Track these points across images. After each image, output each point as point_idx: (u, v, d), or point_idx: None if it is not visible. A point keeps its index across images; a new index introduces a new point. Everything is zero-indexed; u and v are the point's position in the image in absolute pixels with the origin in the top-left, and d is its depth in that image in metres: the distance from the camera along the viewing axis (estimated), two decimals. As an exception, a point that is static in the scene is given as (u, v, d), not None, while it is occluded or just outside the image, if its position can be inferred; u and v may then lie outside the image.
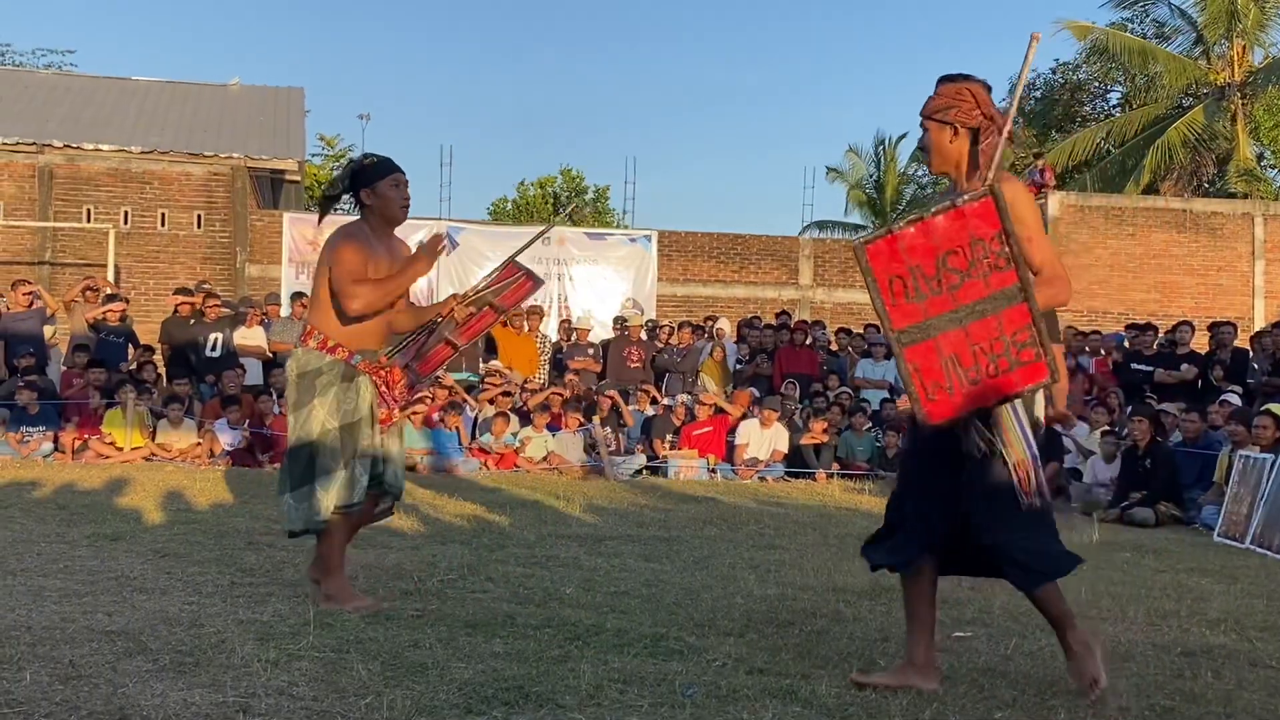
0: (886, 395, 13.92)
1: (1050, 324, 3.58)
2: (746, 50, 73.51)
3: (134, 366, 12.84)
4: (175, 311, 13.56)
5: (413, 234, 17.80)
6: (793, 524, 8.11)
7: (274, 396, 12.16)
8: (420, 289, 17.33)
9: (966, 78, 3.72)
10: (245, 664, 3.59)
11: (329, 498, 4.54)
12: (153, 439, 11.70)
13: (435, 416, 12.21)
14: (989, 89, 3.71)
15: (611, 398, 12.85)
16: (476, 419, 12.68)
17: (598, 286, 18.01)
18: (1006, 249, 3.33)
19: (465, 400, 12.80)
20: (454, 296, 5.03)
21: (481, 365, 14.24)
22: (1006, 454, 3.50)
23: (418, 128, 66.83)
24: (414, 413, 11.92)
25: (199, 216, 17.50)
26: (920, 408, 3.44)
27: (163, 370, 13.33)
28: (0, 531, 6.34)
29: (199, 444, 11.71)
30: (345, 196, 4.95)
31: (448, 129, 70.63)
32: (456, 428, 12.19)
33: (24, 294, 13.21)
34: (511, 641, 4.06)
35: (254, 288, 16.94)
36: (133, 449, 11.45)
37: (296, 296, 14.24)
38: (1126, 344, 14.22)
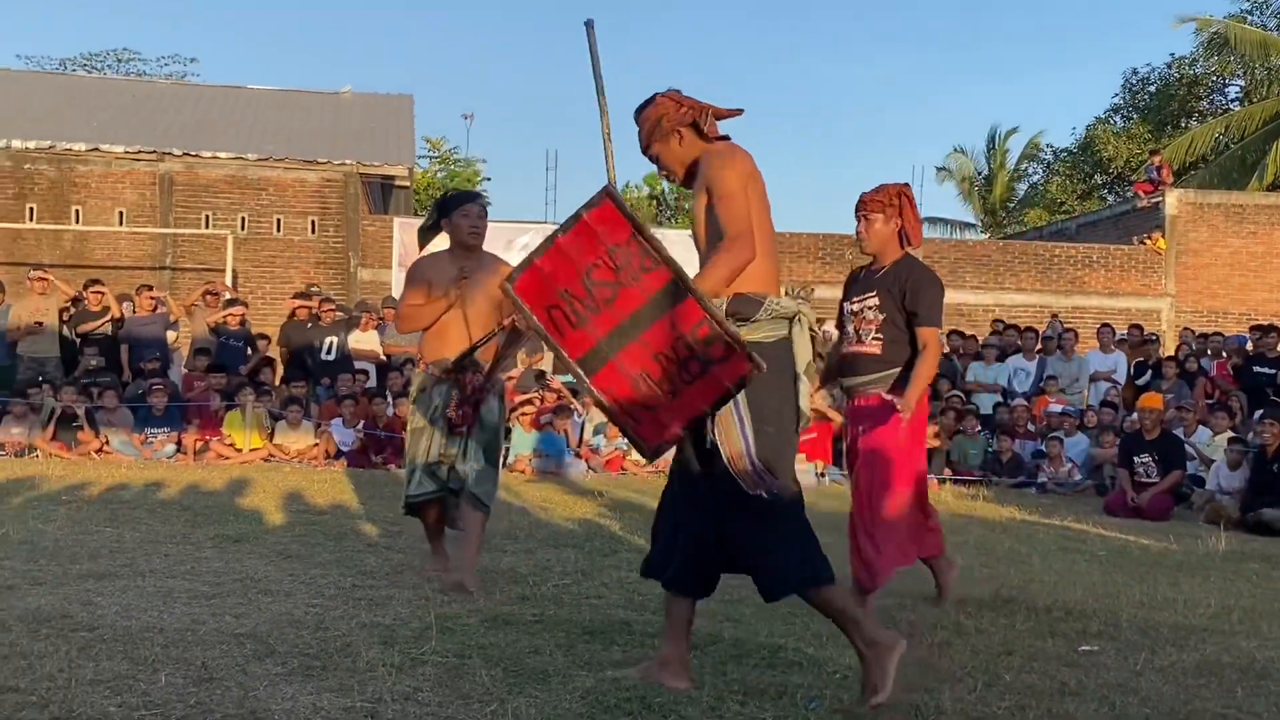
0: (999, 399, 13.70)
1: (746, 306, 3.40)
2: (850, 46, 72.82)
3: (252, 369, 13.17)
4: (293, 315, 13.88)
5: (519, 236, 18.02)
6: (906, 531, 7.97)
7: (387, 399, 12.38)
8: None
9: (655, 94, 3.69)
10: (370, 668, 3.65)
11: (410, 487, 5.30)
12: (271, 440, 11.98)
13: (544, 419, 12.30)
14: (675, 91, 3.70)
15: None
16: (584, 422, 12.74)
17: (703, 289, 17.99)
18: (647, 246, 3.12)
19: (573, 405, 12.87)
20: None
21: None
22: (721, 446, 3.34)
23: (522, 130, 67.51)
24: (523, 414, 12.04)
25: (313, 222, 17.90)
26: (637, 440, 3.26)
27: (281, 372, 13.65)
28: (129, 532, 6.54)
29: (315, 445, 11.96)
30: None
31: (552, 131, 71.15)
32: (565, 431, 12.27)
33: (148, 299, 13.65)
34: (630, 649, 4.07)
35: (365, 291, 17.27)
36: (251, 450, 11.74)
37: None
38: (1249, 346, 13.78)
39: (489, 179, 38.50)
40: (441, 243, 5.51)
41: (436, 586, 5.07)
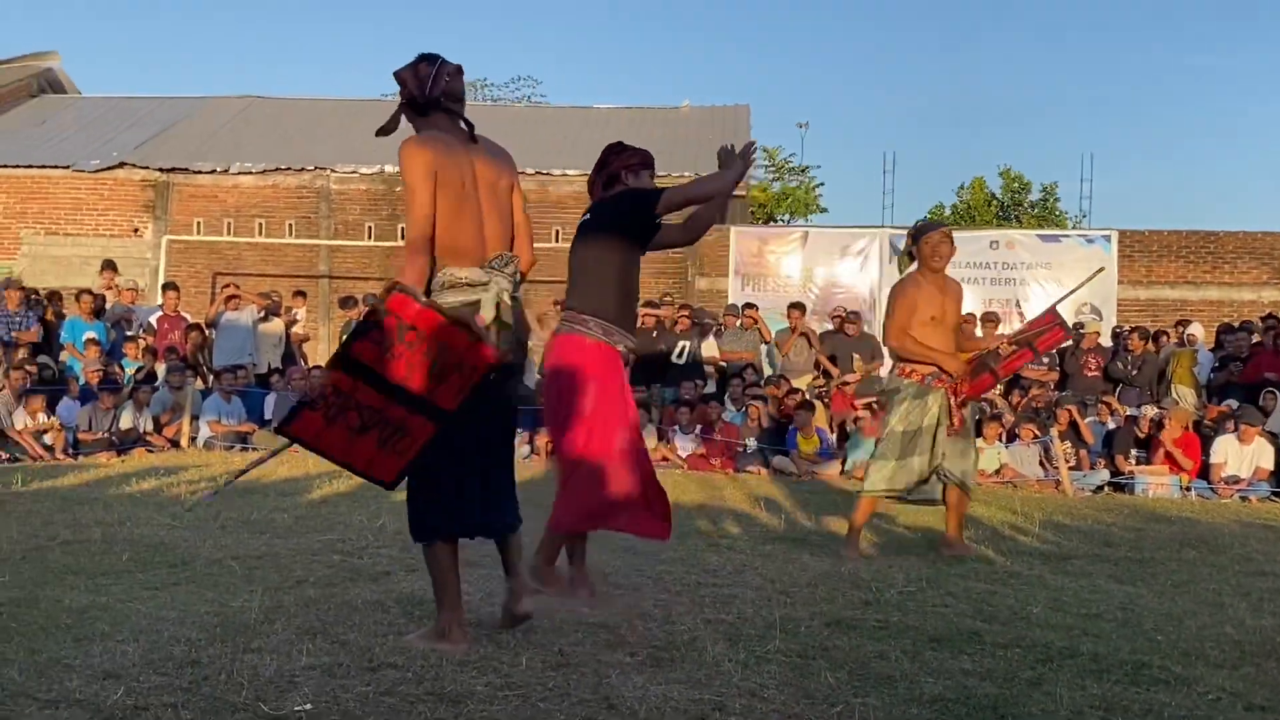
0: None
1: None
2: (1224, 32, 67.55)
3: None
4: (640, 323, 14.31)
5: (855, 241, 17.88)
6: (1285, 549, 7.34)
7: (722, 404, 12.58)
8: (863, 298, 17.34)
9: (407, 64, 3.98)
10: (716, 663, 3.70)
11: (879, 477, 6.37)
12: (615, 444, 12.40)
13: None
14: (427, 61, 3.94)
15: (1069, 410, 12.20)
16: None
17: (1052, 291, 17.19)
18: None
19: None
20: (1003, 336, 6.67)
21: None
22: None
23: (858, 134, 66.72)
24: (863, 422, 11.92)
25: (654, 233, 18.41)
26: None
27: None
28: (490, 526, 6.92)
29: (657, 448, 12.30)
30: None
31: (890, 134, 69.97)
32: (904, 437, 12.04)
33: (504, 309, 14.48)
34: (980, 659, 3.93)
35: (703, 300, 17.59)
36: (598, 453, 12.19)
37: (747, 307, 14.59)
38: None
39: (822, 184, 38.31)
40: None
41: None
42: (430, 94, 3.92)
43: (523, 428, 12.61)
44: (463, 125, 3.96)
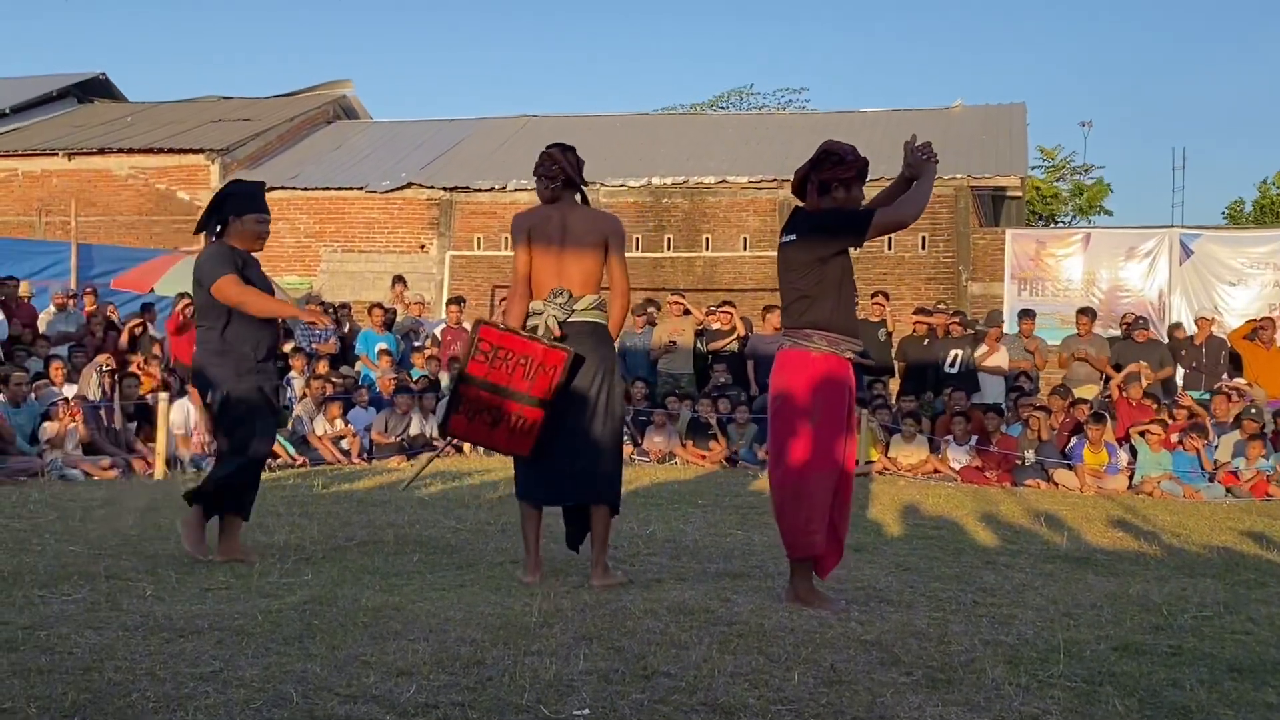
0: None
1: None
2: None
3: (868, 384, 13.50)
4: (912, 331, 14.02)
5: (1141, 243, 16.95)
6: None
7: (1001, 414, 12.16)
8: (1151, 302, 16.43)
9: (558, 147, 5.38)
10: (996, 686, 3.58)
11: None
12: (885, 453, 12.20)
13: (1174, 438, 11.44)
14: (565, 150, 5.36)
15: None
16: (1219, 444, 11.67)
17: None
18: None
19: (1205, 422, 11.85)
20: None
21: (1222, 382, 13.10)
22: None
23: (1144, 131, 63.32)
24: (1150, 433, 11.29)
25: (923, 238, 18.01)
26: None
27: (896, 387, 13.83)
28: (758, 536, 6.93)
29: (928, 460, 12.02)
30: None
31: (1180, 129, 65.97)
32: (1196, 450, 11.32)
33: (771, 318, 14.47)
34: (1288, 693, 3.65)
35: (976, 305, 17.08)
36: (867, 463, 12.02)
37: (1024, 314, 14.03)
38: None
39: (1109, 183, 36.63)
40: None
41: None
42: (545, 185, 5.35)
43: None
44: (578, 197, 5.38)
